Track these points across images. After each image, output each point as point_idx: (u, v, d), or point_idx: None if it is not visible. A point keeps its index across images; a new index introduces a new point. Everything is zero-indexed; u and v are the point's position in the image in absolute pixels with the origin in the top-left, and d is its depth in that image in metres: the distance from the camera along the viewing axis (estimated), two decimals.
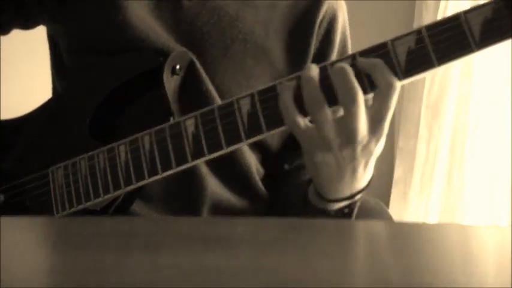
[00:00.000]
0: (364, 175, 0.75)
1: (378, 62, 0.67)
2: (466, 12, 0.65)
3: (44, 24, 0.95)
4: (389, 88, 0.66)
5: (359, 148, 0.69)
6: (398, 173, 2.34)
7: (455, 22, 0.65)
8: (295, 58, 0.90)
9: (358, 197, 0.78)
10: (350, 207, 0.79)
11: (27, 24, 0.97)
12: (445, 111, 2.19)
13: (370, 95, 0.69)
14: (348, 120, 0.67)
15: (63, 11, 0.88)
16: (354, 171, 0.73)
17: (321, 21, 0.91)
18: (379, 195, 1.39)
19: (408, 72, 0.67)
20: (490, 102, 2.11)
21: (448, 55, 0.65)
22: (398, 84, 0.67)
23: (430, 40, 0.66)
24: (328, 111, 0.68)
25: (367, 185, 0.78)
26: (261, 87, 0.72)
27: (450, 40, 0.65)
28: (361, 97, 0.67)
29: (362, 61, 0.68)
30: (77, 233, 0.57)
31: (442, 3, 2.19)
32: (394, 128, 2.44)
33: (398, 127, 2.38)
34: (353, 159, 0.71)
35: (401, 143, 2.34)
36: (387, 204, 2.31)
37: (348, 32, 0.96)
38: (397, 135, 2.37)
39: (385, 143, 0.74)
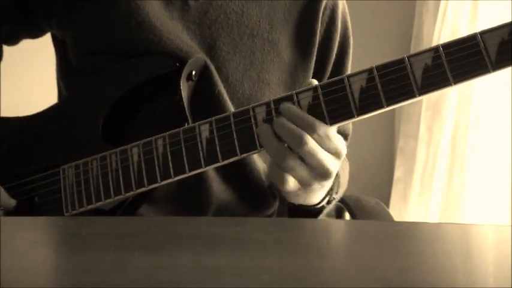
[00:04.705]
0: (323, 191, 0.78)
1: (283, 122, 0.69)
2: (482, 33, 0.65)
3: (51, 31, 0.95)
4: (296, 141, 0.68)
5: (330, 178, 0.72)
6: (398, 173, 2.34)
7: (471, 42, 0.65)
8: (302, 47, 0.91)
9: (327, 198, 0.82)
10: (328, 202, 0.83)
11: (35, 33, 0.97)
12: (446, 112, 2.19)
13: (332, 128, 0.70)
14: (308, 159, 0.69)
15: (72, 17, 0.88)
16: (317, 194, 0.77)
17: (324, 8, 0.93)
18: (379, 195, 1.39)
19: (424, 88, 0.66)
20: (491, 103, 2.11)
21: (464, 74, 0.65)
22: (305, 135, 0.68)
23: (447, 59, 0.66)
24: (293, 159, 0.69)
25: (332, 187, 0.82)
26: (275, 93, 0.73)
27: (466, 60, 0.65)
28: (307, 140, 0.68)
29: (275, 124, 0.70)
30: (77, 233, 0.57)
31: (442, 4, 2.19)
32: (395, 128, 2.44)
33: (398, 127, 2.38)
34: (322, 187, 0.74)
35: (401, 143, 2.34)
36: (387, 204, 2.32)
37: (348, 17, 0.98)
38: (398, 136, 2.37)
39: (385, 143, 0.75)
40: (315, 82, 0.71)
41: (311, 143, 0.68)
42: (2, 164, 0.88)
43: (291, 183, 0.70)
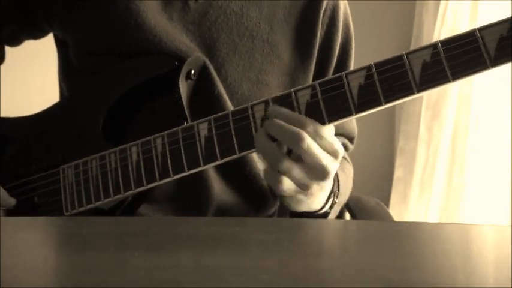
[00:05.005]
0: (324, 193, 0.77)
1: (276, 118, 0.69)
2: (481, 29, 0.65)
3: (52, 31, 0.95)
4: (294, 139, 0.68)
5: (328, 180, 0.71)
6: (398, 173, 2.34)
7: (470, 38, 0.65)
8: (302, 48, 0.91)
9: (329, 202, 0.81)
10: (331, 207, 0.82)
11: (36, 33, 0.97)
12: (446, 112, 2.19)
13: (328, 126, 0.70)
14: (306, 157, 0.68)
15: (72, 17, 0.88)
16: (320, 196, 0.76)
17: (325, 10, 0.92)
18: (379, 195, 1.39)
19: (423, 85, 0.66)
20: (491, 103, 2.11)
21: (463, 71, 0.65)
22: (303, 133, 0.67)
23: (445, 55, 0.65)
24: (288, 160, 0.69)
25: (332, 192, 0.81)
26: (275, 94, 0.72)
27: (465, 56, 0.65)
28: (305, 135, 0.68)
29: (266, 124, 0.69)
30: (77, 233, 0.57)
31: (442, 4, 2.19)
32: (395, 128, 2.44)
33: (398, 127, 2.38)
34: (323, 188, 0.74)
35: (401, 143, 2.34)
36: (387, 204, 2.32)
37: (349, 18, 0.97)
38: (398, 136, 2.37)
39: (385, 143, 0.74)
40: None
41: (308, 139, 0.67)
42: (2, 164, 0.88)
43: (287, 184, 0.70)
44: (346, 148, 1.00)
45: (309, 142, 0.67)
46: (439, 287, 0.39)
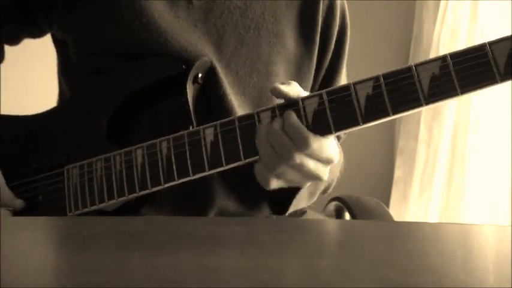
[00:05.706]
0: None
1: (276, 132, 0.70)
2: (491, 43, 0.64)
3: (52, 31, 0.95)
4: (286, 158, 0.69)
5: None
6: (398, 173, 2.34)
7: (480, 52, 0.64)
8: (305, 37, 0.92)
9: None
10: None
11: (36, 32, 0.97)
12: (446, 112, 2.19)
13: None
14: (298, 170, 0.70)
15: (72, 17, 0.87)
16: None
17: None
18: (379, 195, 1.39)
19: (431, 97, 0.66)
20: (491, 103, 2.11)
21: (471, 84, 0.65)
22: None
23: (454, 68, 0.65)
24: (284, 166, 0.70)
25: None
26: (281, 101, 0.72)
27: (474, 70, 0.64)
28: (296, 154, 0.69)
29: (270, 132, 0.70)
30: (77, 233, 0.57)
31: (442, 4, 2.19)
32: (395, 128, 2.44)
33: (398, 128, 2.38)
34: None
35: (401, 143, 2.34)
36: (387, 204, 2.31)
37: (345, 7, 0.98)
38: (397, 136, 2.37)
39: (385, 143, 0.75)
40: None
41: (299, 158, 0.69)
42: (6, 163, 0.88)
43: (275, 183, 0.72)
44: (338, 137, 1.01)
45: (300, 161, 0.69)
46: (439, 286, 0.39)
